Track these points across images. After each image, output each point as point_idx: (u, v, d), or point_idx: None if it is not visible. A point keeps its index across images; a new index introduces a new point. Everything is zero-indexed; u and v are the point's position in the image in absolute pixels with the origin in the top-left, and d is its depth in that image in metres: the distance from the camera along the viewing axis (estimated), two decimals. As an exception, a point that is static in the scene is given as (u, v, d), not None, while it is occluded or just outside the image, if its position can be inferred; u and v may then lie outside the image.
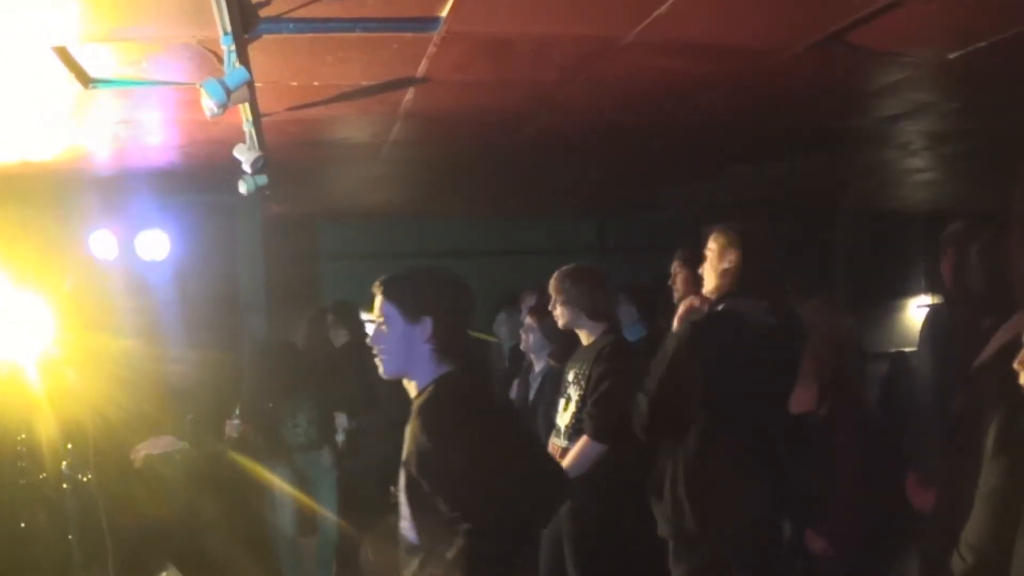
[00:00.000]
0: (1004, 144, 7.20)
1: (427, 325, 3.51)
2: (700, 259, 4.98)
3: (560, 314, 6.00)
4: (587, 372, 5.87)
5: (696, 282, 5.16)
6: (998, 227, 5.11)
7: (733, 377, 4.76)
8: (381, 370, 3.66)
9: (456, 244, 10.50)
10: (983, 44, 4.51)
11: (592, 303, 5.96)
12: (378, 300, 3.61)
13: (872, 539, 5.86)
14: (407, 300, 3.55)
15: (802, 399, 6.01)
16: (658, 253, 6.53)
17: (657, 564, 5.16)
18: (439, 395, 3.52)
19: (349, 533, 8.71)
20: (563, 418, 5.97)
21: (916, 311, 12.43)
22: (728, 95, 5.49)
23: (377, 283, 3.64)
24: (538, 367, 6.95)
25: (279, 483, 8.41)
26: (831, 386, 5.94)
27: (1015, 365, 3.33)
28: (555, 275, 6.08)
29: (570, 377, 6.03)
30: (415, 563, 3.49)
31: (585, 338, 6.03)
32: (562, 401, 6.02)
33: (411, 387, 3.64)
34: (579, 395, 5.90)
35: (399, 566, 3.64)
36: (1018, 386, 3.11)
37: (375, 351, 3.65)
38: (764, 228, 5.06)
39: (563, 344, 6.44)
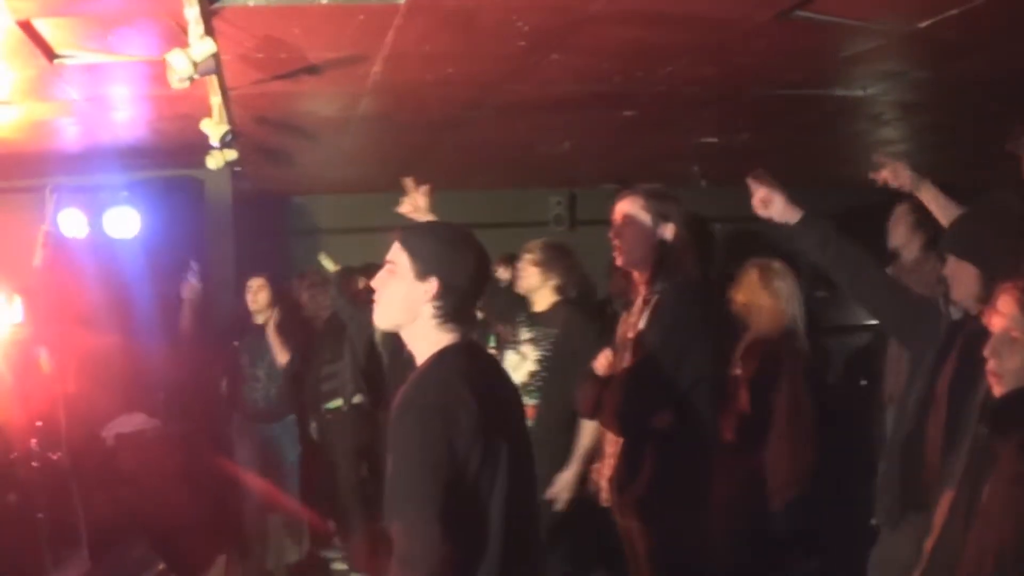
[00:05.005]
0: (976, 114, 7.22)
1: (433, 285, 3.29)
2: None
3: (530, 274, 6.14)
4: (555, 335, 6.15)
5: None
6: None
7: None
8: (375, 316, 3.48)
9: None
10: (954, 12, 4.50)
11: (567, 280, 6.32)
12: (394, 247, 3.41)
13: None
14: (421, 253, 3.34)
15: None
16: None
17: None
18: (434, 366, 3.32)
19: (318, 511, 8.73)
20: (516, 376, 6.02)
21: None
22: (697, 65, 5.48)
23: (396, 231, 3.47)
24: None
25: (245, 459, 8.43)
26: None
27: (985, 353, 3.34)
28: (540, 242, 6.42)
29: (523, 336, 6.22)
30: None
31: (541, 304, 6.31)
32: (509, 355, 6.09)
33: (415, 353, 3.42)
34: (537, 356, 6.11)
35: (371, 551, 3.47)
36: None
37: (376, 299, 3.46)
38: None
39: None
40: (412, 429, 3.13)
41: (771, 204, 4.57)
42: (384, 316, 3.44)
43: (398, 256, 3.37)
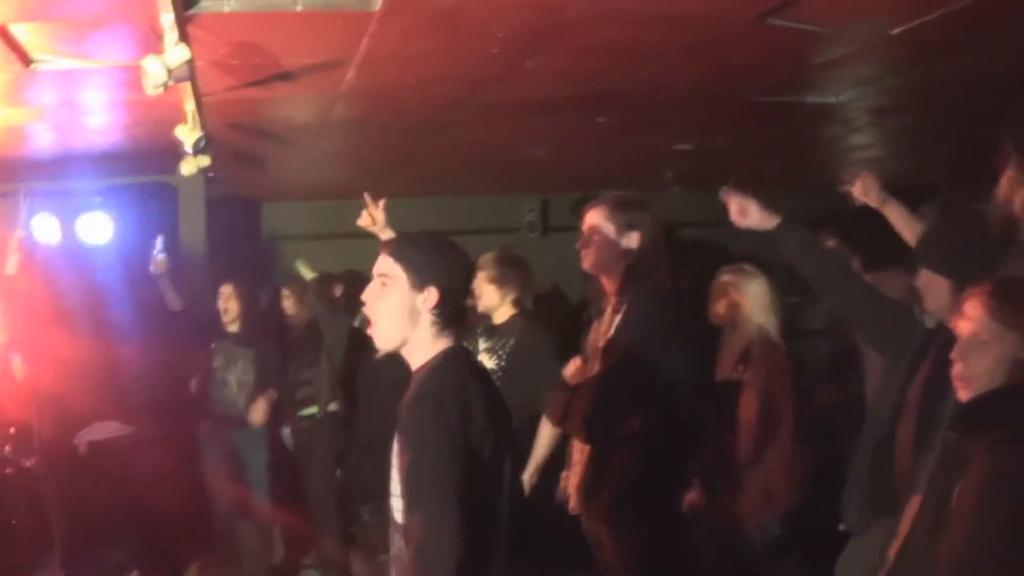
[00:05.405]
0: (949, 119, 7.25)
1: (432, 294, 3.30)
2: None
3: (488, 293, 6.22)
4: (511, 346, 6.28)
5: None
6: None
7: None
8: (376, 340, 3.44)
9: (400, 224, 10.36)
10: (929, 17, 4.51)
11: (523, 291, 6.47)
12: (385, 260, 3.40)
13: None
14: (417, 264, 3.34)
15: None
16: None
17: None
18: (442, 365, 3.33)
19: (292, 519, 8.71)
20: None
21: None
22: (676, 69, 5.47)
23: (385, 243, 3.49)
24: None
25: (213, 464, 8.40)
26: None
27: (952, 356, 3.37)
28: (492, 257, 6.47)
29: (480, 346, 6.35)
30: (401, 543, 3.23)
31: (500, 317, 6.43)
32: None
33: (409, 360, 3.42)
34: (492, 366, 6.19)
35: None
36: None
37: (369, 314, 3.43)
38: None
39: None
40: (428, 421, 3.15)
41: (748, 213, 4.61)
42: (386, 334, 3.41)
43: (391, 268, 3.36)
